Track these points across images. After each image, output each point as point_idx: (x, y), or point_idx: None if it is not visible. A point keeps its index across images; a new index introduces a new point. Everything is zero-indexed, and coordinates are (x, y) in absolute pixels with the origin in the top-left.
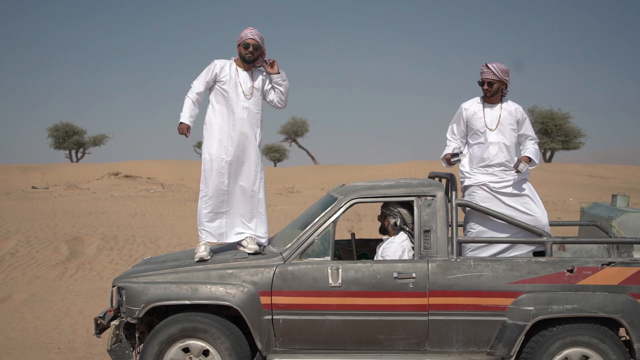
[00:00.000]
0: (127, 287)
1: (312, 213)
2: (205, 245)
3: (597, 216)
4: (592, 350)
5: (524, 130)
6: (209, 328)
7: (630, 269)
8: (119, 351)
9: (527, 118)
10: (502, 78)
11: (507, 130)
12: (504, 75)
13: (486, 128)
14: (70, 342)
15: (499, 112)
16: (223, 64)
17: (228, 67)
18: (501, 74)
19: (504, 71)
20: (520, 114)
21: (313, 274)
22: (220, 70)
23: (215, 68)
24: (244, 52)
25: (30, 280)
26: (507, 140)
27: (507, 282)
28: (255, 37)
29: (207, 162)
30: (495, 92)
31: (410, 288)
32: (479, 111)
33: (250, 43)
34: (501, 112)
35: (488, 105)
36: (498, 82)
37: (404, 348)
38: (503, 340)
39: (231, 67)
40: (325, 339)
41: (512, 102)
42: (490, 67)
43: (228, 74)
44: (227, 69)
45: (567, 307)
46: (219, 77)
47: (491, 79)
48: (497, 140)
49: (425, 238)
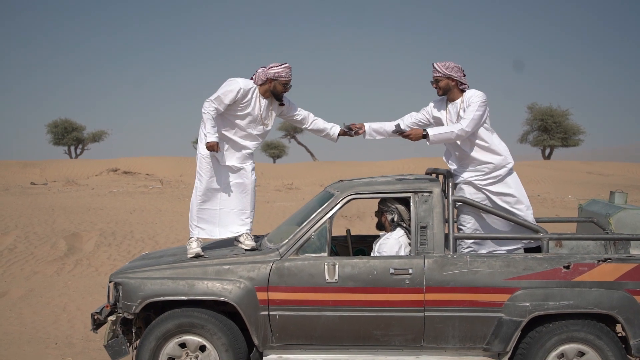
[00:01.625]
0: (124, 282)
1: (309, 209)
2: (197, 242)
3: (595, 213)
4: (588, 347)
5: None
6: (206, 324)
7: (627, 265)
8: (116, 346)
9: (476, 103)
10: (447, 74)
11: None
12: (450, 72)
13: (450, 122)
14: (68, 337)
15: (459, 106)
16: (246, 90)
17: (250, 94)
18: (446, 71)
19: (450, 67)
20: (470, 99)
21: (309, 270)
22: (244, 96)
23: (240, 93)
24: (281, 90)
25: (29, 275)
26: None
27: (503, 278)
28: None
29: (201, 159)
30: (445, 88)
31: (406, 284)
32: (443, 110)
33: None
34: (461, 108)
35: (450, 103)
36: (445, 78)
37: (400, 344)
38: (499, 336)
39: (254, 94)
40: (322, 335)
41: (472, 91)
42: (435, 66)
43: (251, 99)
44: (251, 95)
45: (563, 304)
46: (240, 102)
47: (436, 76)
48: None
49: (421, 234)
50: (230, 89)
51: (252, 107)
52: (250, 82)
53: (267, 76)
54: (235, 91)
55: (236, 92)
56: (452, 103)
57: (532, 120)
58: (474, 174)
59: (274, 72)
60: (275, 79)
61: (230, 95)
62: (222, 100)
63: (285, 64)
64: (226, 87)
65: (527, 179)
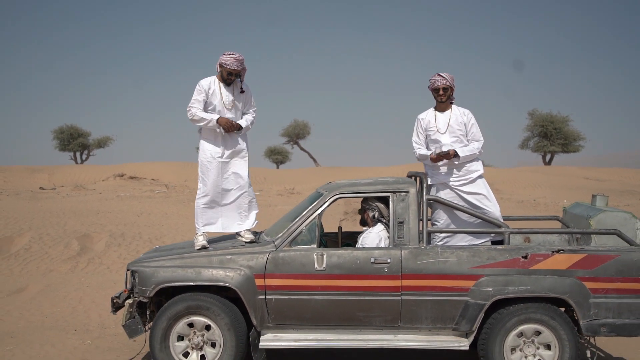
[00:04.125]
0: (140, 270)
1: (301, 207)
2: (202, 236)
3: (578, 215)
4: (543, 326)
5: (471, 134)
6: (211, 306)
7: (577, 256)
8: (133, 326)
9: (475, 122)
10: (453, 85)
11: (456, 132)
12: (454, 83)
13: (437, 132)
14: (85, 325)
15: (448, 116)
16: (208, 83)
17: (213, 84)
18: (452, 82)
19: (453, 79)
20: (467, 117)
21: (301, 260)
22: (207, 88)
23: (204, 87)
24: (225, 77)
25: (45, 273)
26: (458, 141)
27: (469, 267)
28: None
29: (203, 163)
30: (448, 97)
31: (385, 272)
32: (432, 119)
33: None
34: (450, 116)
35: (439, 112)
36: (450, 88)
37: (380, 324)
38: (466, 317)
39: (214, 83)
40: (312, 316)
41: (460, 107)
42: (444, 75)
43: (213, 90)
44: (212, 85)
45: (522, 289)
46: (207, 93)
47: (446, 84)
48: (449, 142)
49: (399, 228)
50: (198, 89)
51: (217, 94)
52: (213, 76)
53: (219, 62)
54: (202, 89)
55: (203, 89)
56: (441, 113)
57: (532, 126)
58: (449, 177)
59: (222, 60)
60: (222, 65)
61: (200, 94)
62: (197, 100)
63: (234, 54)
64: (196, 90)
65: (525, 184)
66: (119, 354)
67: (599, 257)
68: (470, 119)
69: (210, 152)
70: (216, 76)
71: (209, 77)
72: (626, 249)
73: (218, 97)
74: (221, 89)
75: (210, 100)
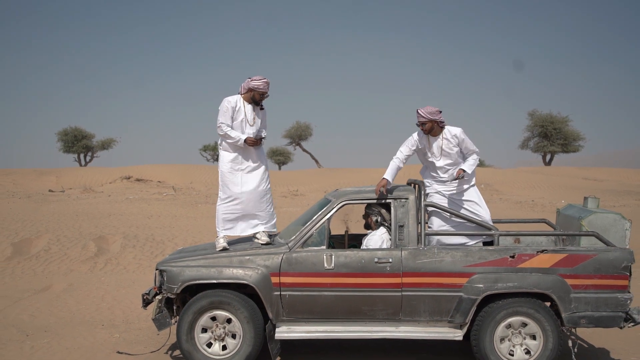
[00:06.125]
0: (168, 269)
1: (312, 212)
2: (223, 238)
3: (570, 216)
4: (529, 319)
5: (465, 150)
6: (232, 301)
7: (559, 255)
8: (161, 319)
9: (466, 138)
10: (430, 118)
11: (449, 154)
12: (433, 116)
13: (433, 156)
14: (111, 320)
15: (441, 142)
16: (235, 101)
17: (239, 102)
18: (429, 115)
19: (432, 112)
20: (458, 138)
21: (312, 260)
22: (234, 105)
23: (231, 105)
24: (258, 99)
25: (66, 272)
26: (451, 162)
27: (463, 266)
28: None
29: (224, 173)
30: (429, 129)
31: (387, 270)
32: (426, 143)
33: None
34: (442, 142)
35: (432, 138)
36: (429, 122)
37: (383, 317)
38: (460, 310)
39: (240, 101)
40: (322, 310)
41: (451, 128)
42: (420, 112)
43: (239, 107)
44: (238, 103)
45: (509, 285)
46: (234, 110)
47: (422, 121)
48: (442, 165)
49: (399, 231)
50: (226, 107)
51: (242, 112)
52: (237, 95)
53: (249, 86)
54: (230, 107)
55: (230, 107)
56: (434, 138)
57: (532, 126)
58: (443, 186)
59: (254, 84)
60: (254, 89)
61: (228, 112)
62: (226, 117)
63: (264, 79)
64: (222, 108)
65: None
66: (146, 345)
67: (579, 256)
68: (462, 139)
69: (230, 163)
70: (241, 96)
71: (234, 96)
72: (603, 249)
73: (242, 114)
74: (245, 107)
75: (235, 116)
